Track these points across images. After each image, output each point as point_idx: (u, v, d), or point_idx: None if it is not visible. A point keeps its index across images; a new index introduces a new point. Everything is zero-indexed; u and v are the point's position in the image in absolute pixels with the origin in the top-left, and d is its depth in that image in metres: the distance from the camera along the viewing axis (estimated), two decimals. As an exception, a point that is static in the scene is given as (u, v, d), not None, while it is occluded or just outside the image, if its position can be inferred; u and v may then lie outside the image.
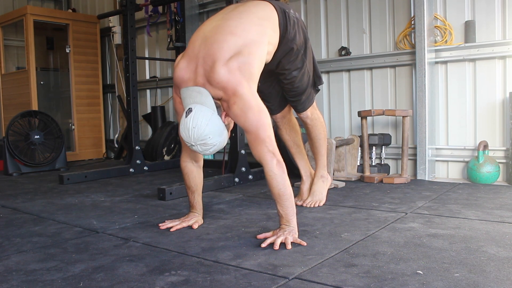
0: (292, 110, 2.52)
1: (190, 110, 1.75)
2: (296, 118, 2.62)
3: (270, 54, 1.99)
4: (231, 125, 1.92)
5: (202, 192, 2.21)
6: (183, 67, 1.85)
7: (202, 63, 1.80)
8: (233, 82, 1.75)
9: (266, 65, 2.00)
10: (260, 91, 1.87)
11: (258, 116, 1.77)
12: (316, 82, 2.38)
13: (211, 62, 1.78)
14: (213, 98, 1.79)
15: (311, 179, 2.62)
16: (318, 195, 2.55)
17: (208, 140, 1.74)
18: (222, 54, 1.78)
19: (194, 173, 2.11)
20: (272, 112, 2.44)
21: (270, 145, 1.78)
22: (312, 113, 2.44)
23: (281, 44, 2.04)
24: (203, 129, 1.71)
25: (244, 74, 1.77)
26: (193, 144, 1.75)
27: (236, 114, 1.78)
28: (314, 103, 2.45)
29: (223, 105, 1.81)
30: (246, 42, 1.83)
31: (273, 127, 1.92)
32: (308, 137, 2.58)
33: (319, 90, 2.46)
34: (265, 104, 1.84)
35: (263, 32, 1.91)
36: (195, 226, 2.07)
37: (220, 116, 1.78)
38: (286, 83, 2.24)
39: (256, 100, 1.79)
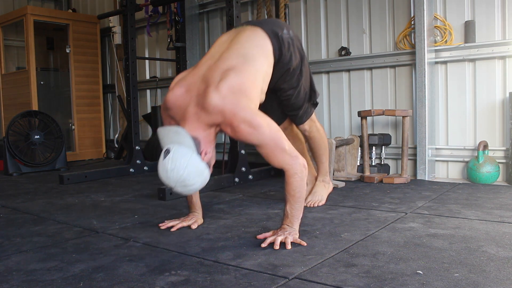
0: None
1: (167, 151, 1.68)
2: None
3: (263, 92, 1.93)
4: (213, 161, 1.84)
5: (202, 192, 2.21)
6: (178, 94, 1.81)
7: (197, 94, 1.76)
8: (230, 105, 1.70)
9: None
10: (261, 105, 1.86)
11: (270, 130, 1.73)
12: (311, 96, 2.35)
13: (205, 92, 1.74)
14: (211, 124, 1.74)
15: (314, 183, 2.64)
16: (318, 196, 2.56)
17: (187, 182, 1.67)
18: (213, 80, 1.75)
19: None
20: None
21: (292, 151, 1.76)
22: (310, 126, 2.44)
23: (277, 67, 2.00)
24: (182, 171, 1.64)
25: (237, 94, 1.72)
26: (172, 186, 1.69)
27: (246, 135, 1.72)
28: (313, 117, 2.44)
29: (226, 130, 1.75)
30: (237, 66, 1.79)
31: None
32: (309, 147, 2.60)
33: (317, 104, 2.44)
34: None
35: (258, 69, 1.86)
36: (195, 226, 2.07)
37: (200, 154, 1.71)
38: (282, 99, 2.24)
39: (261, 115, 1.74)
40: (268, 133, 1.72)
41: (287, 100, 2.23)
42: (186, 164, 1.64)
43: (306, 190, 2.60)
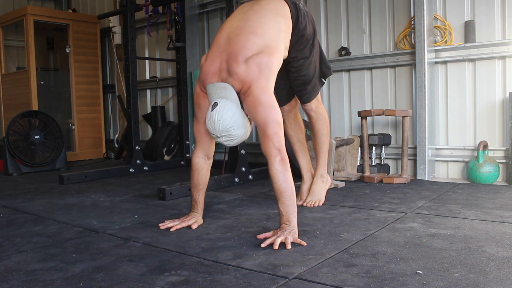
0: (299, 107, 2.57)
1: (215, 104, 1.85)
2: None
3: (286, 48, 2.15)
4: None
5: (202, 192, 2.21)
6: (209, 64, 1.96)
7: (226, 59, 1.92)
8: (251, 76, 1.86)
9: None
10: None
11: (267, 112, 1.84)
12: (325, 73, 2.49)
13: (234, 57, 1.90)
14: (235, 90, 1.89)
15: (312, 179, 2.62)
16: (317, 195, 2.55)
17: (232, 132, 1.85)
18: (245, 51, 1.90)
19: (204, 171, 2.14)
20: (280, 103, 2.49)
21: (276, 141, 1.83)
22: (317, 107, 2.51)
23: (293, 33, 2.16)
24: (228, 121, 1.82)
25: (262, 71, 1.88)
26: (218, 135, 1.86)
27: (247, 107, 1.87)
28: (320, 98, 2.53)
29: (240, 97, 1.90)
30: (267, 41, 1.96)
31: None
32: (311, 132, 2.61)
33: (324, 83, 2.54)
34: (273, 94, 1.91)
35: (279, 28, 2.06)
36: (195, 226, 2.07)
37: (243, 109, 1.89)
38: (293, 71, 2.32)
39: (269, 96, 1.88)
40: (263, 115, 1.84)
41: (298, 71, 2.31)
42: (231, 116, 1.83)
43: (305, 189, 2.62)
